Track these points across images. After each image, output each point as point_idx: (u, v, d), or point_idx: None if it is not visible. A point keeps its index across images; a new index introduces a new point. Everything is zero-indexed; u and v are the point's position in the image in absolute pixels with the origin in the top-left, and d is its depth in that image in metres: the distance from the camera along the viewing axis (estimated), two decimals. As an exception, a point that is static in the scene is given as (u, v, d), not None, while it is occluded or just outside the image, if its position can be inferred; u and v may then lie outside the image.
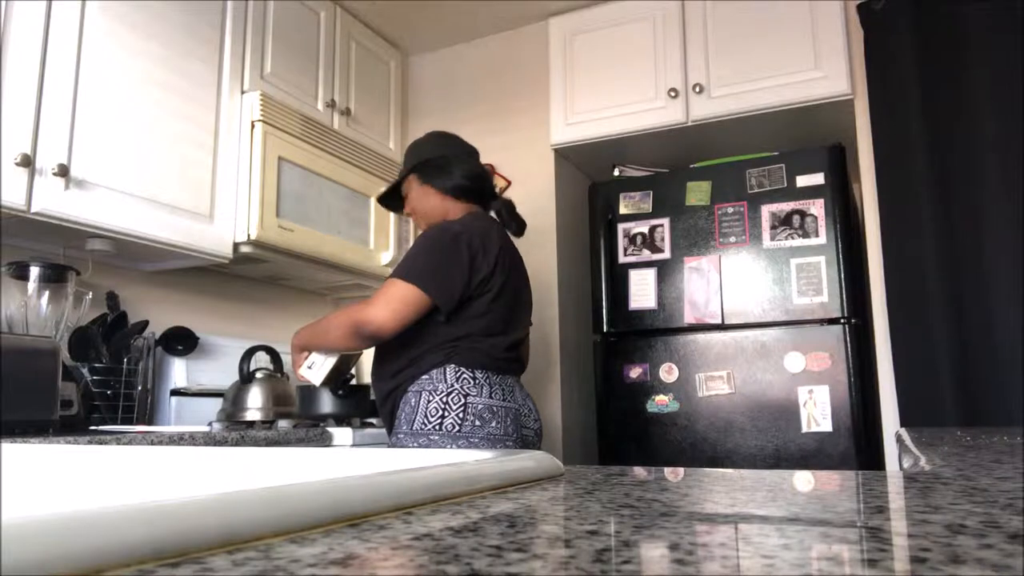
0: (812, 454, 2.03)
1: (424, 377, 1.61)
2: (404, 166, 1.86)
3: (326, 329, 1.64)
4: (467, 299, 1.62)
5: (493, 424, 1.57)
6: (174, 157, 1.94)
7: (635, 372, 2.28)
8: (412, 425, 1.57)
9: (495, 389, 1.61)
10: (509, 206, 1.86)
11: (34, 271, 1.74)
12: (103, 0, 1.78)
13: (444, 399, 1.57)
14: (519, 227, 1.85)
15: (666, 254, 2.31)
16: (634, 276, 2.34)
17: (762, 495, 0.46)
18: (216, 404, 2.08)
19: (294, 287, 2.73)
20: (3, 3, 1.57)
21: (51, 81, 1.65)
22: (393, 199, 1.91)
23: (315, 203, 2.30)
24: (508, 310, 1.69)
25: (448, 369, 1.60)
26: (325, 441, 1.86)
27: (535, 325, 2.51)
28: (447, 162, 1.79)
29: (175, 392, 2.11)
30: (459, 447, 1.52)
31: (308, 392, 2.13)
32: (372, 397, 2.17)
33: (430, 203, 1.79)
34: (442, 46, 2.94)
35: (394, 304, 1.55)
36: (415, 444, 1.56)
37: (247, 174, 2.10)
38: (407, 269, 1.59)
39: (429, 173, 1.80)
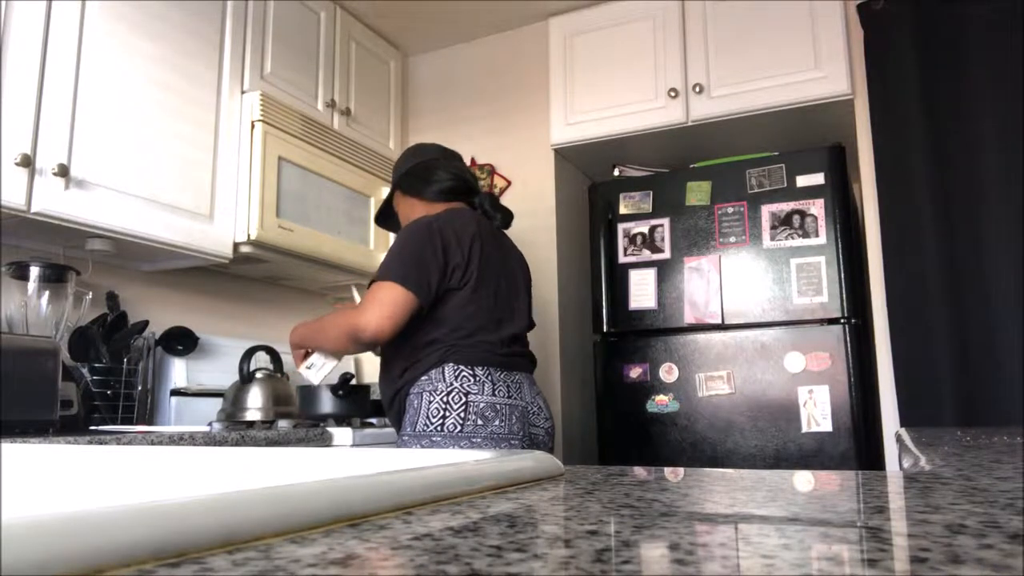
0: (812, 454, 2.03)
1: (424, 378, 1.60)
2: (391, 183, 1.89)
3: (324, 334, 1.65)
4: (446, 291, 1.62)
5: (496, 423, 1.55)
6: (174, 157, 1.94)
7: (635, 372, 2.28)
8: (415, 427, 1.56)
9: (499, 386, 1.59)
10: (492, 199, 1.86)
11: (34, 271, 1.74)
12: (103, 0, 1.78)
13: (444, 399, 1.55)
14: (504, 219, 1.84)
15: (666, 254, 2.31)
16: (634, 276, 2.34)
17: (762, 495, 0.46)
18: (216, 404, 2.08)
19: (294, 287, 2.73)
20: (3, 3, 1.57)
21: (51, 81, 1.65)
22: (389, 219, 1.93)
23: (315, 203, 2.30)
24: (496, 301, 1.67)
25: (447, 368, 1.58)
26: (325, 441, 1.86)
27: (536, 324, 2.51)
28: (425, 170, 1.80)
29: (175, 392, 2.11)
30: (461, 447, 1.51)
31: (308, 392, 2.13)
32: (374, 397, 2.18)
33: (416, 212, 1.79)
34: (442, 46, 2.94)
35: (384, 307, 1.55)
36: (418, 446, 1.55)
37: (247, 174, 2.11)
38: (387, 269, 1.59)
39: (411, 185, 1.81)
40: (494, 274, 1.68)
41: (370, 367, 2.87)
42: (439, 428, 1.54)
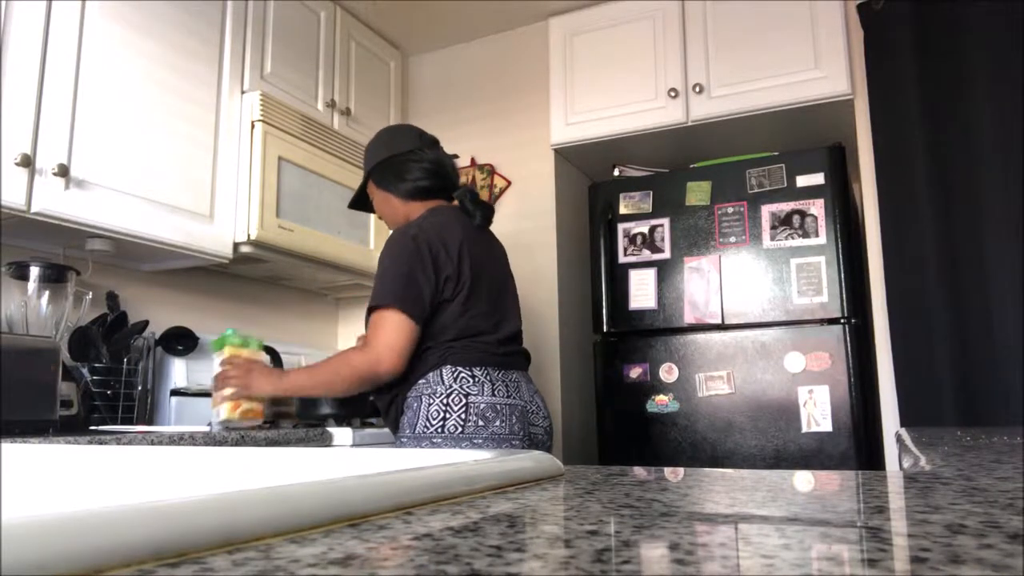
0: (812, 454, 2.03)
1: (421, 381, 1.58)
2: (364, 169, 1.81)
3: (331, 380, 1.58)
4: (440, 303, 1.58)
5: (497, 423, 1.54)
6: (174, 157, 1.94)
7: (635, 372, 2.29)
8: (415, 429, 1.55)
9: (498, 386, 1.58)
10: (472, 195, 1.76)
11: (34, 271, 1.74)
12: (103, 0, 1.78)
13: (444, 401, 1.54)
14: (484, 216, 1.74)
15: (666, 254, 2.31)
16: (634, 276, 2.34)
17: (762, 495, 0.46)
18: (216, 404, 2.08)
19: (294, 287, 2.73)
20: (3, 3, 1.57)
21: (51, 81, 1.65)
22: (364, 201, 1.86)
23: (315, 203, 2.30)
24: (491, 302, 1.65)
25: (445, 370, 1.57)
26: (325, 441, 1.86)
27: (535, 325, 2.51)
28: (400, 164, 1.72)
29: (175, 392, 2.11)
30: (462, 449, 1.51)
31: None
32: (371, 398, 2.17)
33: (391, 208, 1.75)
34: (442, 46, 2.95)
35: (392, 341, 1.52)
36: (418, 447, 1.54)
37: (247, 174, 2.11)
38: (384, 295, 1.55)
39: (385, 178, 1.74)
40: (485, 278, 1.65)
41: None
42: (439, 430, 1.53)
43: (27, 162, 1.57)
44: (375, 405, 2.17)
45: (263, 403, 1.69)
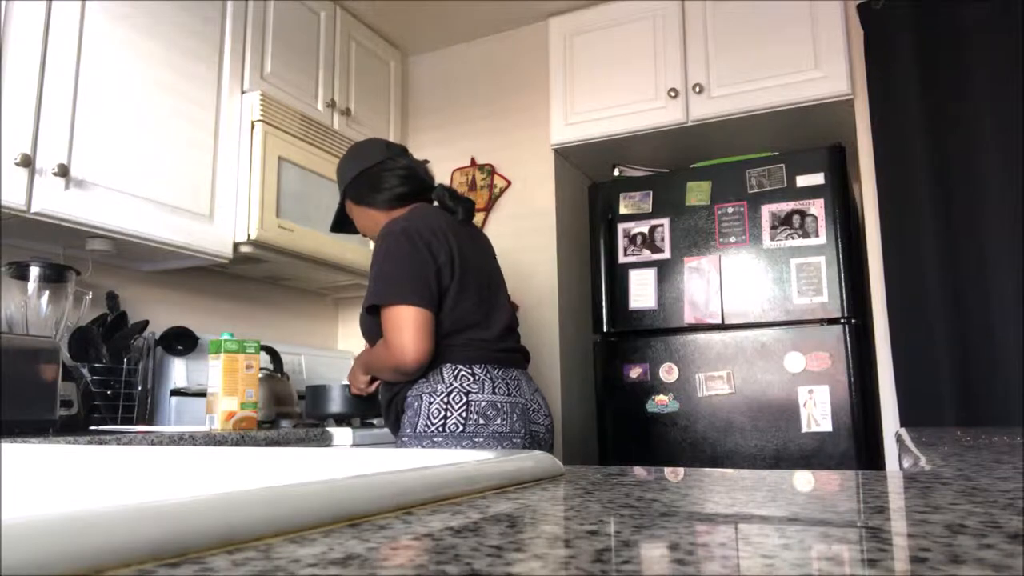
0: (812, 454, 2.03)
1: (421, 380, 1.58)
2: (339, 190, 1.81)
3: (378, 373, 1.68)
4: (441, 292, 1.59)
5: (498, 421, 1.54)
6: (174, 157, 1.94)
7: (635, 372, 2.29)
8: (416, 428, 1.55)
9: (498, 384, 1.58)
10: (451, 192, 1.76)
11: (34, 271, 1.74)
12: (103, 0, 1.78)
13: (445, 399, 1.54)
14: (466, 211, 1.74)
15: (666, 254, 2.31)
16: (634, 276, 2.34)
17: (762, 495, 0.46)
18: (216, 404, 2.07)
19: (294, 287, 2.73)
20: (3, 3, 1.57)
21: (51, 81, 1.65)
22: (346, 223, 1.85)
23: (315, 203, 2.30)
24: (480, 295, 1.64)
25: (444, 368, 1.57)
26: (325, 441, 1.86)
27: (535, 325, 2.52)
28: (374, 176, 1.72)
29: (175, 392, 2.11)
30: (464, 447, 1.51)
31: (318, 392, 2.10)
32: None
33: (373, 222, 1.74)
34: (442, 46, 2.95)
35: (410, 333, 1.51)
36: (419, 447, 1.54)
37: (247, 174, 2.11)
38: (389, 293, 1.54)
39: (361, 193, 1.74)
40: (472, 269, 1.65)
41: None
42: (440, 428, 1.53)
43: (27, 162, 1.57)
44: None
45: (257, 413, 1.86)
